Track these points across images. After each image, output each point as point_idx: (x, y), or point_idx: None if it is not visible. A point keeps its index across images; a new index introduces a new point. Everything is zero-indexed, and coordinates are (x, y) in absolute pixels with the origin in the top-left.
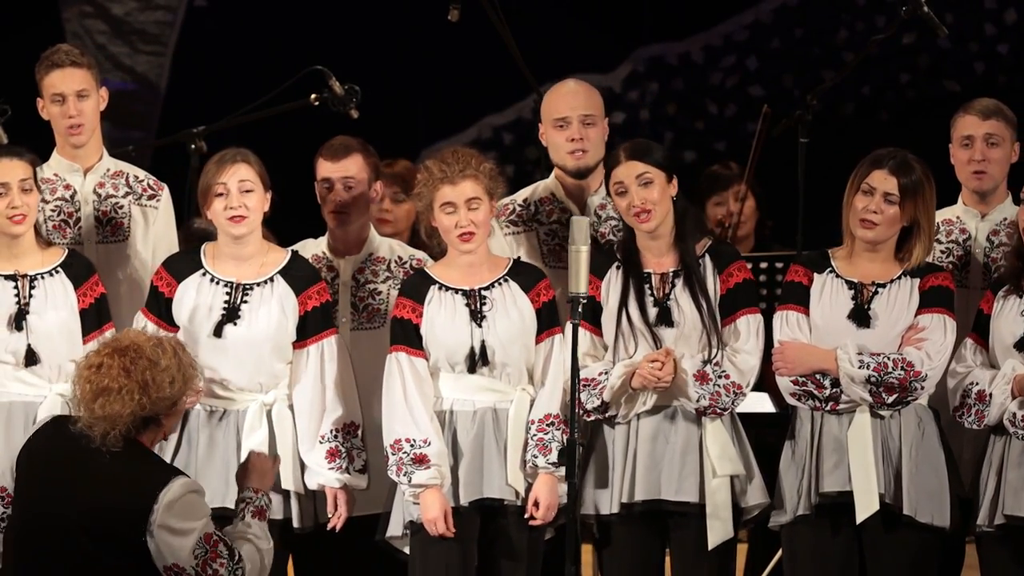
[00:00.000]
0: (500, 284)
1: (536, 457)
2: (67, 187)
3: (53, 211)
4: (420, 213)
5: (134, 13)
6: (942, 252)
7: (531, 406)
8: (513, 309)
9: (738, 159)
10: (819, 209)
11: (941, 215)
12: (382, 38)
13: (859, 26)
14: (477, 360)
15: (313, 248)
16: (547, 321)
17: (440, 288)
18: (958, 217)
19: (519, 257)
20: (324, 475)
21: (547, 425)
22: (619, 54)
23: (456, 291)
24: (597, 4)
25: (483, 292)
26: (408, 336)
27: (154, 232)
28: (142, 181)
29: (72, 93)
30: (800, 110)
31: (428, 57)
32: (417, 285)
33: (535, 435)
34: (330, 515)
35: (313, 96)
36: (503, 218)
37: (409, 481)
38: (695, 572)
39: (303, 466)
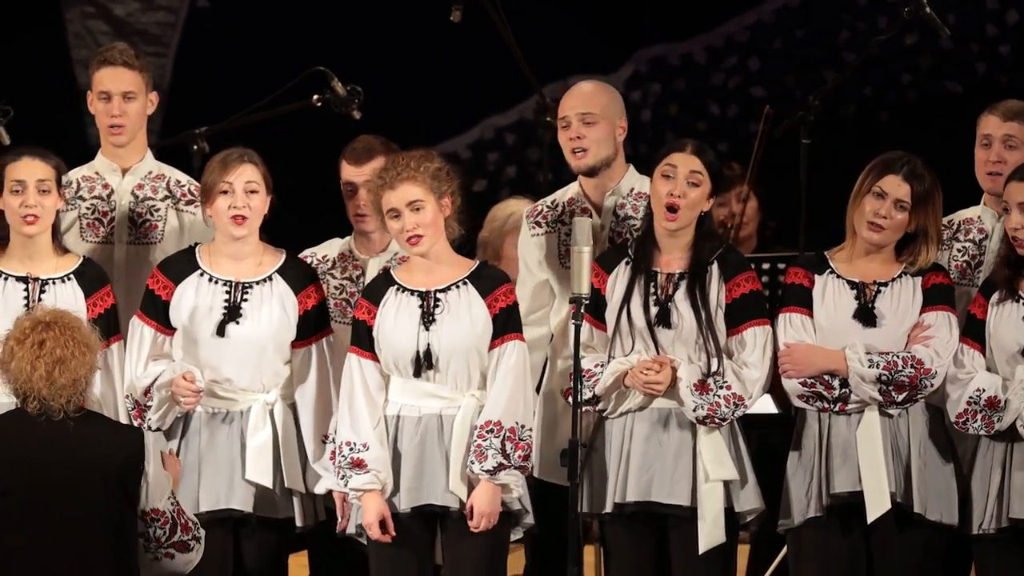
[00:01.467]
0: (458, 287)
1: (472, 463)
2: (105, 186)
3: (88, 209)
4: (380, 228)
5: (136, 14)
6: (958, 251)
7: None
8: (465, 314)
9: (740, 160)
10: (821, 210)
11: (962, 214)
12: (384, 39)
13: (861, 27)
14: (422, 363)
15: (339, 247)
16: (503, 327)
17: (398, 290)
18: (978, 217)
19: (487, 262)
20: (332, 479)
21: (486, 432)
22: (621, 55)
23: (412, 292)
24: (599, 5)
25: (438, 294)
26: (360, 338)
27: (190, 237)
28: (183, 186)
29: (118, 93)
30: (802, 111)
31: (430, 58)
32: (377, 286)
33: (475, 441)
34: (340, 517)
35: (315, 97)
36: (531, 218)
37: (346, 484)
38: (694, 573)
39: (304, 465)
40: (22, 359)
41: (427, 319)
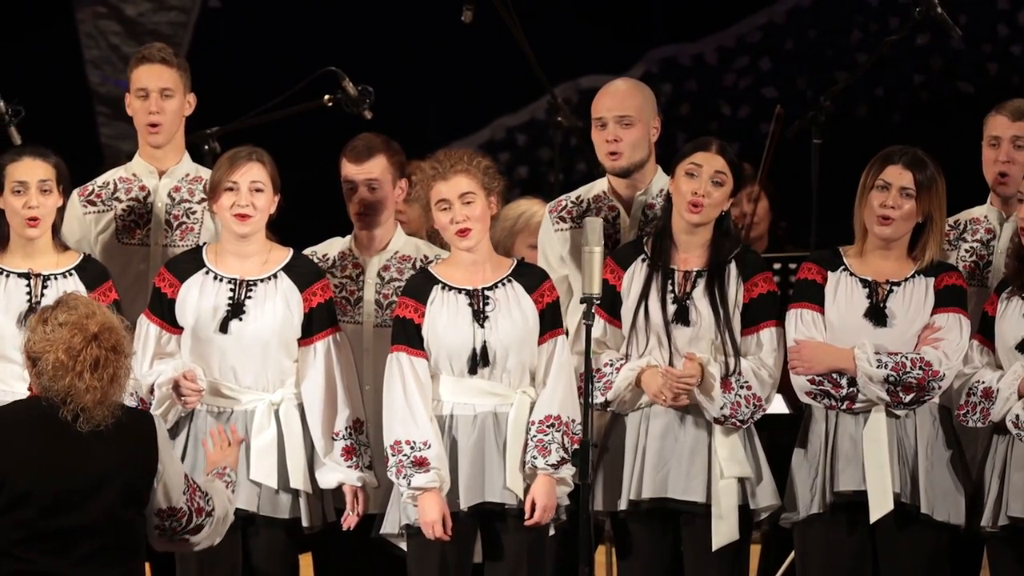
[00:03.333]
0: (504, 284)
1: (535, 458)
2: (142, 188)
3: (125, 211)
4: (424, 215)
5: (148, 14)
6: (966, 251)
7: (531, 408)
8: (516, 310)
9: (751, 160)
10: (833, 210)
11: (968, 214)
12: (396, 39)
13: (872, 27)
14: (478, 360)
15: (340, 246)
16: (550, 322)
17: (443, 288)
18: (985, 216)
19: (523, 258)
20: (344, 472)
21: (547, 427)
22: (632, 55)
23: (459, 291)
24: (610, 5)
25: (486, 292)
26: (409, 336)
27: None
28: None
29: (156, 90)
30: (813, 111)
31: (442, 58)
32: (420, 285)
33: (535, 436)
34: (350, 512)
35: (326, 97)
36: (555, 213)
37: (408, 484)
38: (706, 572)
39: (311, 465)
40: (77, 376)
41: (479, 317)
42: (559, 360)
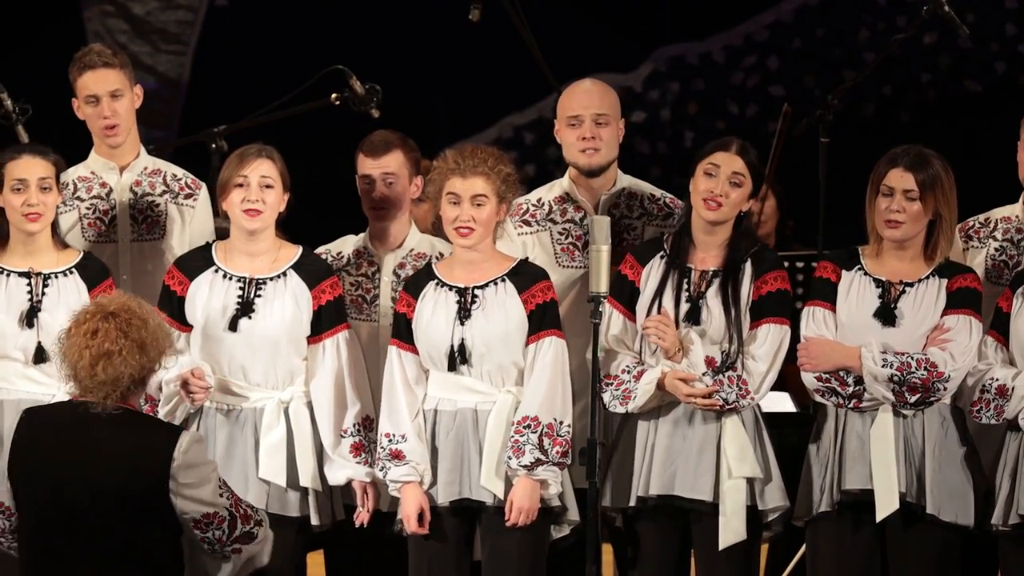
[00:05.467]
0: (496, 283)
1: (510, 459)
2: (103, 184)
3: (88, 209)
4: (432, 201)
5: (155, 12)
6: (996, 250)
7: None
8: (500, 310)
9: (759, 159)
10: (840, 209)
11: (999, 212)
12: (403, 38)
13: (880, 26)
14: (456, 357)
15: (354, 243)
16: (539, 323)
17: (437, 284)
18: (1016, 216)
19: (527, 258)
20: (352, 468)
21: (523, 427)
22: (640, 54)
23: (450, 288)
24: (618, 4)
25: (476, 290)
26: (400, 330)
27: (191, 231)
28: (180, 180)
29: (105, 94)
30: (821, 110)
31: (449, 57)
32: (418, 280)
33: (512, 436)
34: (360, 508)
35: (334, 95)
36: (516, 217)
37: (385, 475)
38: (716, 570)
39: (321, 463)
40: (73, 345)
41: (463, 314)
42: (543, 361)
